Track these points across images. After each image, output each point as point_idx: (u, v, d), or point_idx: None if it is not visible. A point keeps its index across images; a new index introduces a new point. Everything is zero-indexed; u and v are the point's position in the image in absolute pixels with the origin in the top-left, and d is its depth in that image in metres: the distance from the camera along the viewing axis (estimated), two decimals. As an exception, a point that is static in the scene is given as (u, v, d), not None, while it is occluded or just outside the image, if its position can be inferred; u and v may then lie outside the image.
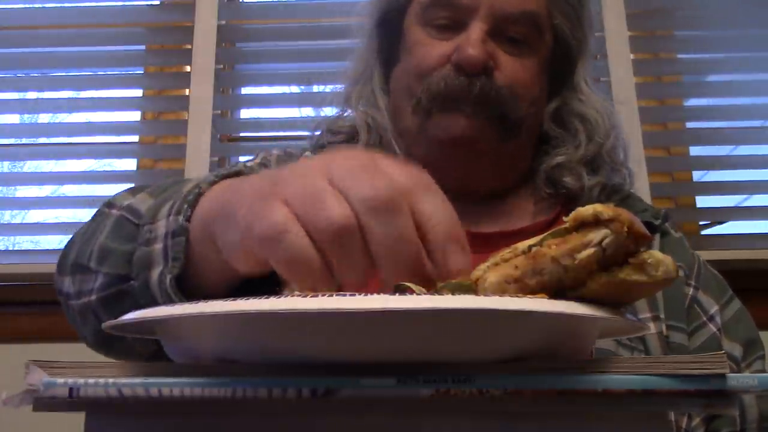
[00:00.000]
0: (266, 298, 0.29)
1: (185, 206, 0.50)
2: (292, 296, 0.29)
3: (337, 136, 0.85)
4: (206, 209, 0.49)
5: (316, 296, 0.29)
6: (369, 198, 0.36)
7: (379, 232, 0.35)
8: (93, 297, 0.58)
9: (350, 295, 0.29)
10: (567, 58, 0.82)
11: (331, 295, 0.29)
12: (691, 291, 0.74)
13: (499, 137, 0.76)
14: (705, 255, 0.83)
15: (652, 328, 0.70)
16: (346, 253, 0.35)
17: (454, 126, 0.74)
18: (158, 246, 0.52)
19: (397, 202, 0.36)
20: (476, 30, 0.74)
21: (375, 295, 0.29)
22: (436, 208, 0.37)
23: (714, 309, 0.74)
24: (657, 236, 0.77)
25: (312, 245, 0.36)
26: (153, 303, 0.51)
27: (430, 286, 0.36)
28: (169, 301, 0.50)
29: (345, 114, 0.87)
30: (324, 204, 0.36)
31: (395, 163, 0.39)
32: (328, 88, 0.95)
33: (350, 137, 0.83)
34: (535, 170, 0.82)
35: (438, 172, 0.77)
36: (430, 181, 0.39)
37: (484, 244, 0.74)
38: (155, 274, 0.52)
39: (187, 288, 0.50)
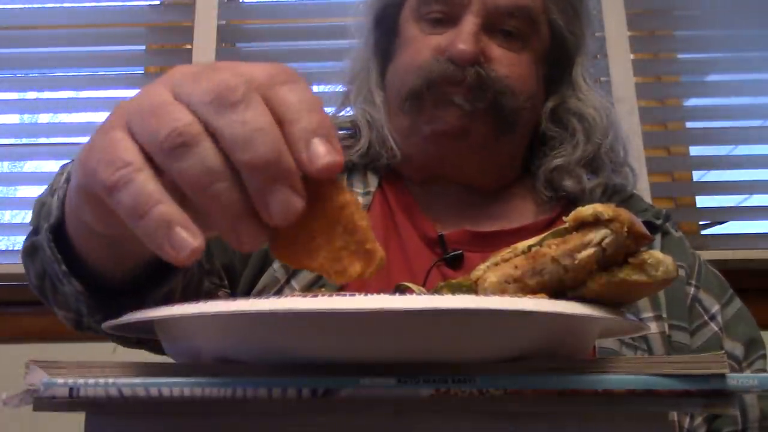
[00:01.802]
0: (266, 297, 0.29)
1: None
2: (293, 296, 0.29)
3: (341, 131, 0.84)
4: None
5: (316, 296, 0.29)
6: (210, 93, 0.31)
7: (227, 129, 0.30)
8: (22, 246, 0.58)
9: (350, 295, 0.29)
10: (564, 54, 0.81)
11: (331, 296, 0.29)
12: (692, 290, 0.74)
13: (493, 130, 0.76)
14: (705, 255, 0.83)
15: (655, 327, 0.70)
16: (193, 163, 0.30)
17: (447, 118, 0.74)
18: (55, 197, 0.49)
19: (244, 94, 0.31)
20: (469, 24, 0.74)
21: (375, 296, 0.29)
22: (297, 98, 0.32)
23: (715, 308, 0.74)
24: (658, 236, 0.77)
25: (160, 186, 0.31)
26: (47, 255, 0.48)
27: (296, 186, 0.31)
28: (53, 255, 0.46)
29: (345, 112, 0.87)
30: (161, 114, 0.31)
31: (254, 63, 0.33)
32: (328, 88, 0.95)
33: (352, 133, 0.83)
34: (533, 172, 0.82)
35: (433, 167, 0.78)
36: (292, 72, 0.33)
37: (485, 243, 0.74)
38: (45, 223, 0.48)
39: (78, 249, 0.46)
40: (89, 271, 0.47)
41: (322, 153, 0.31)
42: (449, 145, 0.76)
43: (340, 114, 0.88)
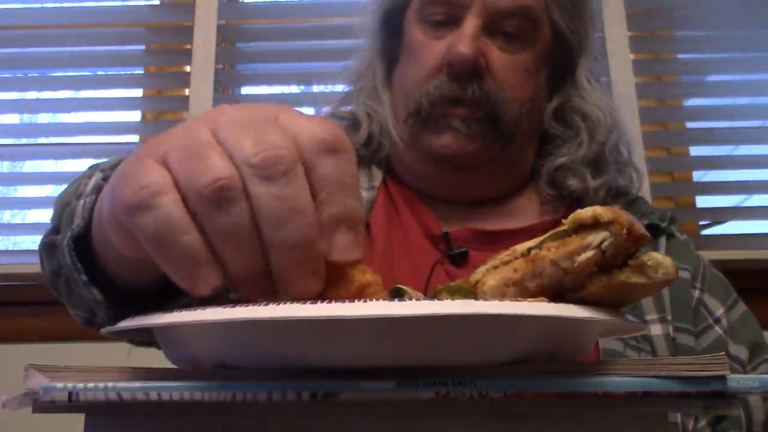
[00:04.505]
0: (265, 304, 0.29)
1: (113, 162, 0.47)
2: (291, 303, 0.29)
3: (341, 122, 0.85)
4: None
5: (315, 303, 0.29)
6: (254, 155, 0.30)
7: (264, 200, 0.30)
8: (40, 242, 0.58)
9: (349, 301, 0.29)
10: (567, 55, 0.81)
11: (330, 302, 0.29)
12: (697, 293, 0.74)
13: (493, 147, 0.76)
14: (705, 255, 0.83)
15: (659, 329, 0.70)
16: (226, 221, 0.29)
17: (446, 146, 0.75)
18: (82, 202, 0.48)
19: (288, 166, 0.30)
20: (469, 26, 0.74)
21: (375, 302, 0.29)
22: (336, 175, 0.31)
23: (720, 311, 0.74)
24: (663, 239, 0.77)
25: (187, 215, 0.30)
26: (67, 260, 0.47)
27: (319, 271, 0.31)
28: (72, 264, 0.46)
29: (346, 108, 0.88)
30: (204, 160, 0.30)
31: (300, 115, 0.33)
32: (329, 88, 0.96)
33: (352, 124, 0.83)
34: (537, 171, 0.82)
35: (432, 182, 0.79)
36: (340, 138, 0.32)
37: (490, 241, 0.75)
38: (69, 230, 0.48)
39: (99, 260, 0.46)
40: (108, 278, 0.47)
41: (343, 246, 0.31)
42: (448, 168, 0.77)
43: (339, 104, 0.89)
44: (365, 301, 0.29)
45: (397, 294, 0.37)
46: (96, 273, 0.47)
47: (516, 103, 0.76)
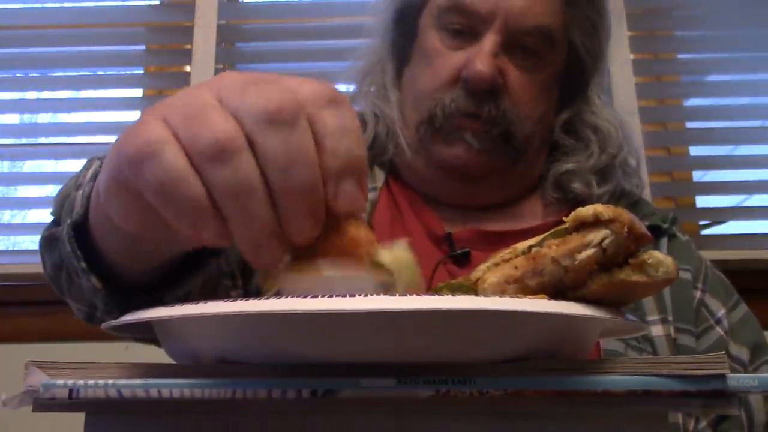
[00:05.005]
0: (265, 298, 0.29)
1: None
2: (291, 297, 0.29)
3: None
4: None
5: (316, 297, 0.29)
6: (258, 108, 0.31)
7: (269, 147, 0.30)
8: (41, 236, 0.58)
9: (350, 296, 0.29)
10: (580, 73, 0.82)
11: (331, 296, 0.29)
12: (698, 294, 0.74)
13: (505, 162, 0.77)
14: (705, 255, 0.83)
15: (661, 330, 0.70)
16: (230, 173, 0.30)
17: (457, 157, 0.75)
18: (81, 192, 0.49)
19: (292, 115, 0.31)
20: (488, 43, 0.73)
21: (375, 296, 0.29)
22: (338, 124, 0.32)
23: (721, 312, 0.74)
24: (664, 240, 0.77)
25: (189, 165, 0.30)
26: (66, 249, 0.48)
27: (320, 216, 0.32)
28: (72, 251, 0.46)
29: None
30: (205, 118, 0.31)
31: (299, 78, 0.33)
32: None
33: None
34: (544, 176, 0.82)
35: (438, 188, 0.79)
36: (336, 93, 0.33)
37: (492, 242, 0.75)
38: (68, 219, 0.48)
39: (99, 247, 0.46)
40: (108, 267, 0.47)
41: (350, 195, 0.32)
42: (456, 177, 0.77)
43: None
44: (366, 296, 0.29)
45: None
46: (95, 264, 0.47)
47: (530, 122, 0.76)
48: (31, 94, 1.53)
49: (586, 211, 0.34)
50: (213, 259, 0.49)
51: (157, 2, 1.53)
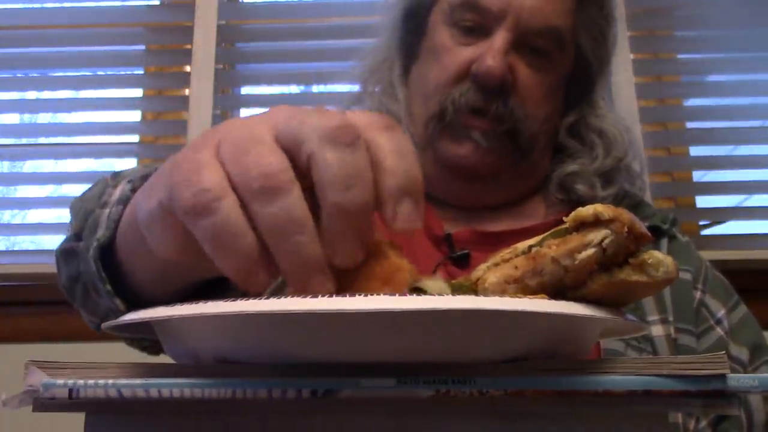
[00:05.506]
0: (265, 298, 0.29)
1: (140, 172, 0.47)
2: (292, 297, 0.29)
3: None
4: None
5: (316, 297, 0.29)
6: (320, 128, 0.31)
7: (328, 164, 0.30)
8: (58, 247, 0.58)
9: (350, 295, 0.29)
10: (587, 76, 0.82)
11: (331, 296, 0.29)
12: (698, 295, 0.75)
13: (510, 161, 0.77)
14: (704, 255, 0.83)
15: (661, 330, 0.70)
16: (278, 211, 0.30)
17: (464, 156, 0.75)
18: (107, 211, 0.49)
19: (351, 134, 0.31)
20: (499, 40, 0.74)
21: (375, 296, 0.29)
22: (394, 146, 0.32)
23: (721, 313, 0.74)
24: (665, 241, 0.77)
25: (244, 219, 0.31)
26: (89, 268, 0.48)
27: (366, 240, 0.32)
28: (98, 273, 0.47)
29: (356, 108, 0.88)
30: (256, 156, 0.31)
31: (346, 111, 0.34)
32: (329, 88, 0.96)
33: None
34: (549, 177, 0.82)
35: (442, 188, 0.79)
36: (392, 121, 0.34)
37: (492, 243, 0.75)
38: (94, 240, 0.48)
39: (123, 270, 0.47)
40: (129, 286, 0.47)
41: (407, 215, 0.32)
42: (461, 176, 0.77)
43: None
44: (366, 296, 0.29)
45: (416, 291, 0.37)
46: (116, 283, 0.47)
47: (536, 121, 0.77)
48: (31, 94, 1.53)
49: (586, 210, 0.34)
50: None
51: (157, 2, 1.53)
